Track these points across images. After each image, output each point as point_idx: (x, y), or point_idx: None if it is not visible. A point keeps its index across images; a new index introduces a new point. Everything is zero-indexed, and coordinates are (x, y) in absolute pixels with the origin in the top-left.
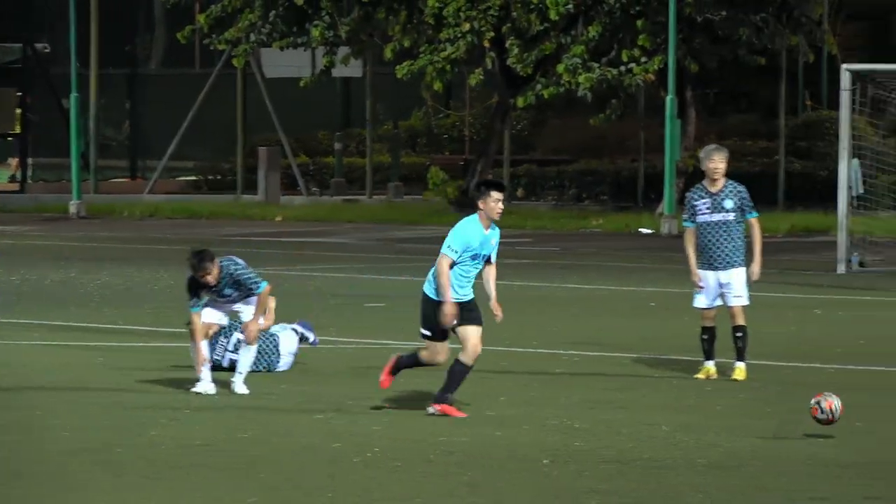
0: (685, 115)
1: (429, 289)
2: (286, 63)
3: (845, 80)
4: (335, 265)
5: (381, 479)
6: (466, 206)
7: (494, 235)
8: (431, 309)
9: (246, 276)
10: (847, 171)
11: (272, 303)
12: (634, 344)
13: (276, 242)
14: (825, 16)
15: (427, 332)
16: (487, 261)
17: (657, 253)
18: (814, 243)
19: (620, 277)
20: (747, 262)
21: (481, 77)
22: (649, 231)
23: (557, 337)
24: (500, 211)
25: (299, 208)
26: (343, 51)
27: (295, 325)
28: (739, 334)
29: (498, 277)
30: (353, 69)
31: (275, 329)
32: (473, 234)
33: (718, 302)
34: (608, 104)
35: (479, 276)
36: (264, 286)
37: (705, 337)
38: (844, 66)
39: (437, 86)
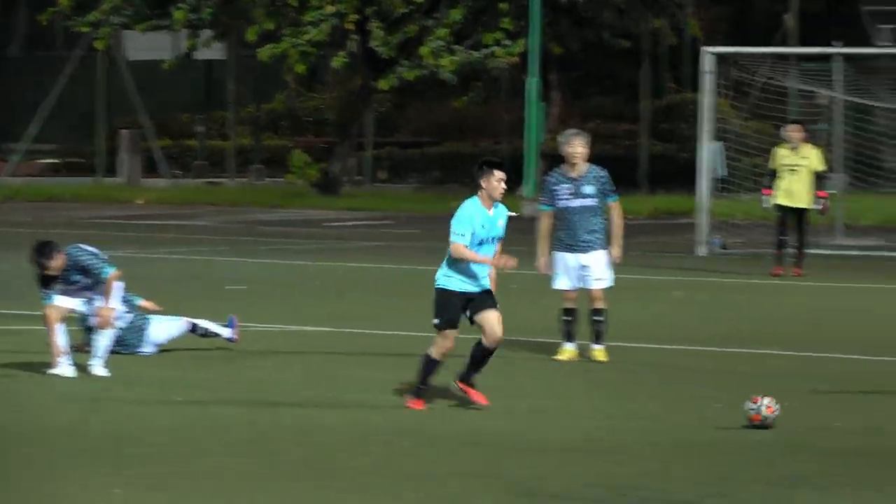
0: (548, 98)
1: (443, 280)
2: (149, 46)
3: (708, 62)
4: (196, 248)
5: (226, 462)
6: (328, 188)
7: (500, 216)
8: (447, 299)
9: (90, 263)
10: (709, 154)
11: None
12: None
13: (137, 225)
14: None
15: (439, 322)
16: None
17: (519, 235)
18: (675, 225)
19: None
20: (608, 245)
21: (345, 60)
22: (512, 213)
23: (421, 318)
24: (502, 190)
25: (161, 191)
26: (206, 33)
27: (197, 320)
28: (598, 318)
29: (358, 261)
30: (216, 52)
31: (159, 318)
32: (477, 214)
33: (579, 284)
34: (471, 87)
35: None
36: (110, 271)
37: (566, 318)
38: (707, 48)
39: (300, 68)
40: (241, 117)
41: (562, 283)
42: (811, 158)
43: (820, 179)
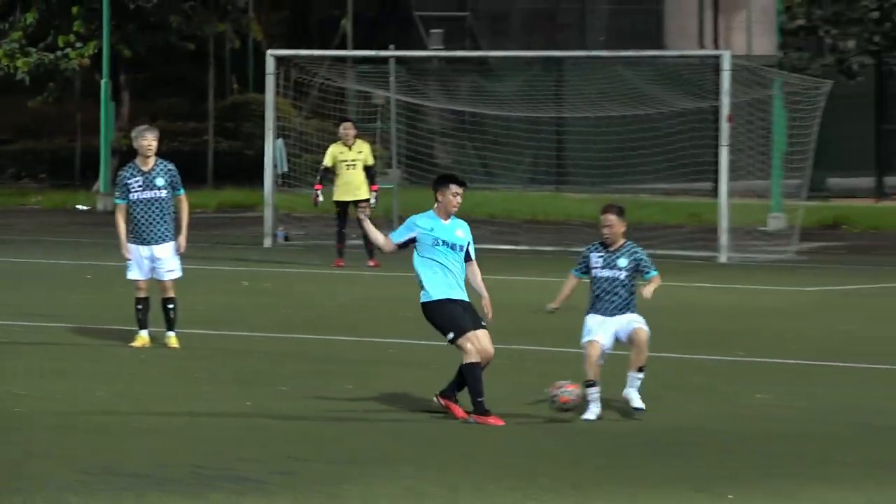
0: (119, 98)
1: (425, 296)
2: None
3: (270, 64)
4: None
5: None
6: None
7: (458, 226)
8: (441, 309)
9: None
10: (272, 151)
11: None
12: (73, 315)
13: None
14: (250, 4)
15: (453, 335)
16: (467, 258)
17: (94, 228)
18: (242, 219)
19: (59, 252)
20: (177, 237)
21: None
22: (86, 207)
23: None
24: (457, 204)
25: None
26: None
27: None
28: (170, 306)
29: None
30: None
31: None
32: (429, 219)
33: (151, 275)
34: (46, 87)
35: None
36: None
37: (139, 307)
38: (269, 51)
39: None
40: None
41: (134, 273)
42: (365, 153)
43: (371, 174)
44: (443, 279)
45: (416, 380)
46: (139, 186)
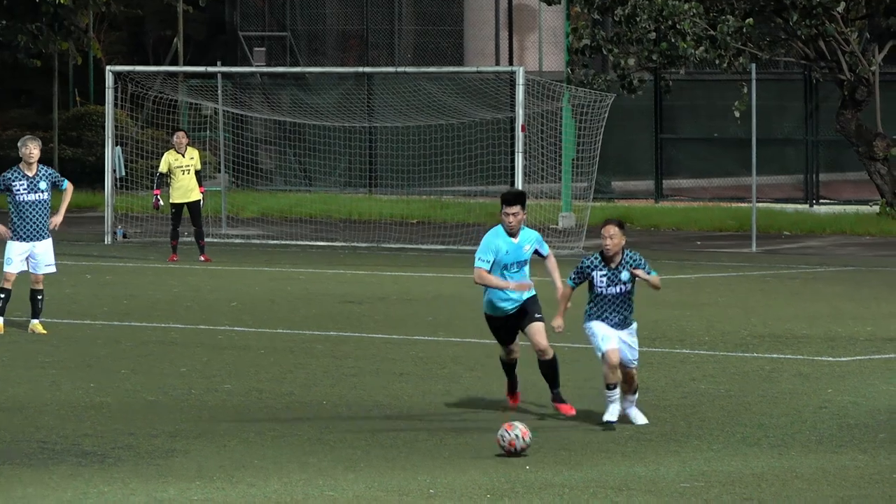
0: None
1: (484, 307)
2: None
3: (109, 79)
4: None
5: None
6: None
7: (527, 241)
8: (489, 324)
9: None
10: (111, 157)
11: None
12: None
13: None
14: (91, 25)
15: (497, 342)
16: (542, 256)
17: None
18: (84, 218)
19: None
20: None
21: None
22: None
23: None
24: (510, 223)
25: None
26: None
27: None
28: (39, 297)
29: None
30: None
31: None
32: (499, 243)
33: (27, 268)
34: None
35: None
36: None
37: (2, 296)
38: (108, 67)
39: None
40: None
41: (12, 267)
42: (196, 159)
43: (199, 177)
44: (495, 292)
45: (240, 361)
46: (24, 189)
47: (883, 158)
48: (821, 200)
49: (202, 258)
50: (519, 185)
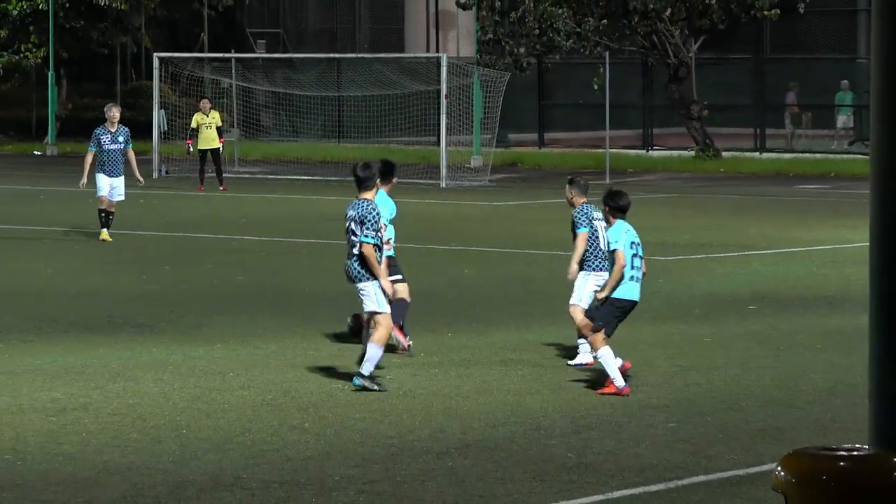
0: (60, 84)
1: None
2: None
3: (155, 62)
4: None
5: None
6: None
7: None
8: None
9: None
10: (157, 117)
11: None
12: (30, 220)
13: None
14: (143, 24)
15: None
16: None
17: (44, 167)
18: (139, 160)
19: (21, 179)
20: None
21: None
22: (39, 153)
23: None
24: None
25: None
26: None
27: None
28: (111, 217)
29: None
30: None
31: None
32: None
33: (110, 196)
34: (13, 77)
35: None
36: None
37: (102, 215)
38: (155, 54)
39: None
40: None
41: (102, 193)
42: (216, 118)
43: (220, 131)
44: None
45: (248, 260)
46: (108, 141)
47: (697, 118)
48: (654, 147)
49: (221, 188)
50: (443, 136)
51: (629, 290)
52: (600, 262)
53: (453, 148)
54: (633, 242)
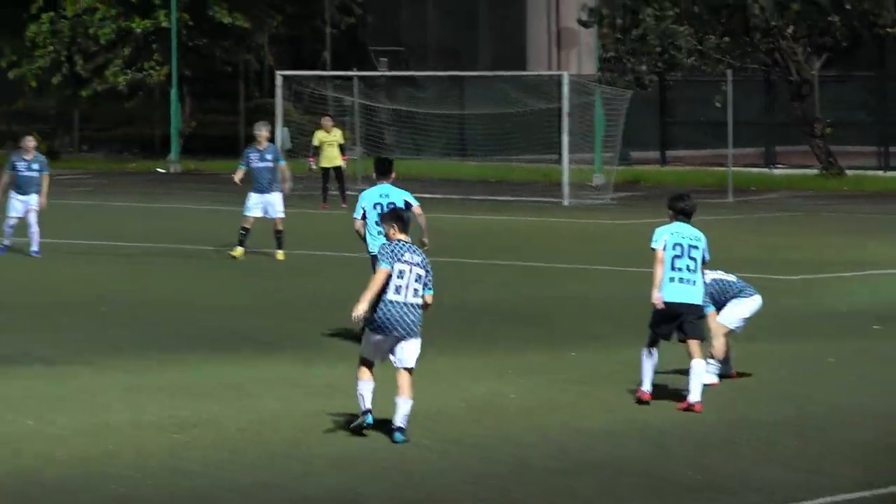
0: (183, 101)
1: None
2: None
3: (278, 80)
4: None
5: None
6: (53, 156)
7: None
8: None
9: None
10: (279, 134)
11: None
12: (158, 236)
13: None
14: (265, 41)
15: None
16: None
17: (168, 184)
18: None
19: (146, 197)
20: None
21: (60, 78)
22: (163, 170)
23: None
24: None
25: None
26: None
27: None
28: (279, 235)
29: (68, 199)
30: None
31: None
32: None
33: (264, 214)
34: (136, 95)
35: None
36: None
37: (243, 233)
38: (278, 72)
39: (33, 83)
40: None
41: (253, 212)
42: (339, 136)
43: (342, 148)
44: None
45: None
46: (256, 159)
47: (820, 136)
48: (777, 165)
49: (343, 206)
50: (565, 154)
51: (669, 292)
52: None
53: (575, 166)
54: (677, 244)
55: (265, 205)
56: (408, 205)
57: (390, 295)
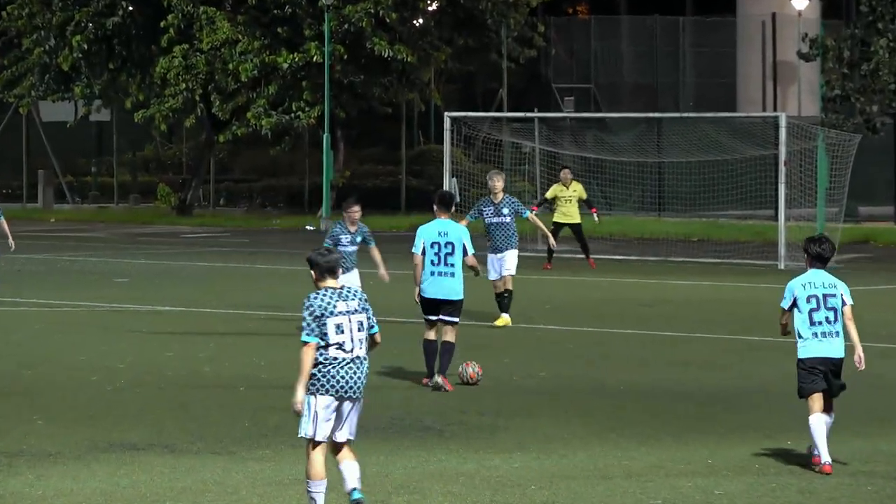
0: (336, 147)
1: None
2: (57, 111)
3: (447, 123)
4: (92, 252)
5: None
6: (184, 210)
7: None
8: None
9: None
10: (448, 186)
11: None
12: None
13: (51, 236)
14: (432, 78)
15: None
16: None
17: (319, 243)
18: None
19: (293, 259)
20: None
21: (194, 121)
22: (313, 228)
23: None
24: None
25: (67, 212)
26: (97, 102)
27: None
28: (506, 295)
29: (208, 260)
30: (104, 115)
31: None
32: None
33: (500, 273)
34: (283, 140)
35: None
36: None
37: (505, 296)
38: (446, 113)
39: (163, 127)
40: (122, 161)
41: (492, 275)
42: (578, 191)
43: (588, 202)
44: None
45: (553, 352)
46: (491, 213)
47: None
48: None
49: (590, 265)
50: (781, 209)
51: (810, 348)
52: None
53: (793, 223)
54: (811, 296)
55: (500, 260)
56: (465, 250)
57: (332, 352)
